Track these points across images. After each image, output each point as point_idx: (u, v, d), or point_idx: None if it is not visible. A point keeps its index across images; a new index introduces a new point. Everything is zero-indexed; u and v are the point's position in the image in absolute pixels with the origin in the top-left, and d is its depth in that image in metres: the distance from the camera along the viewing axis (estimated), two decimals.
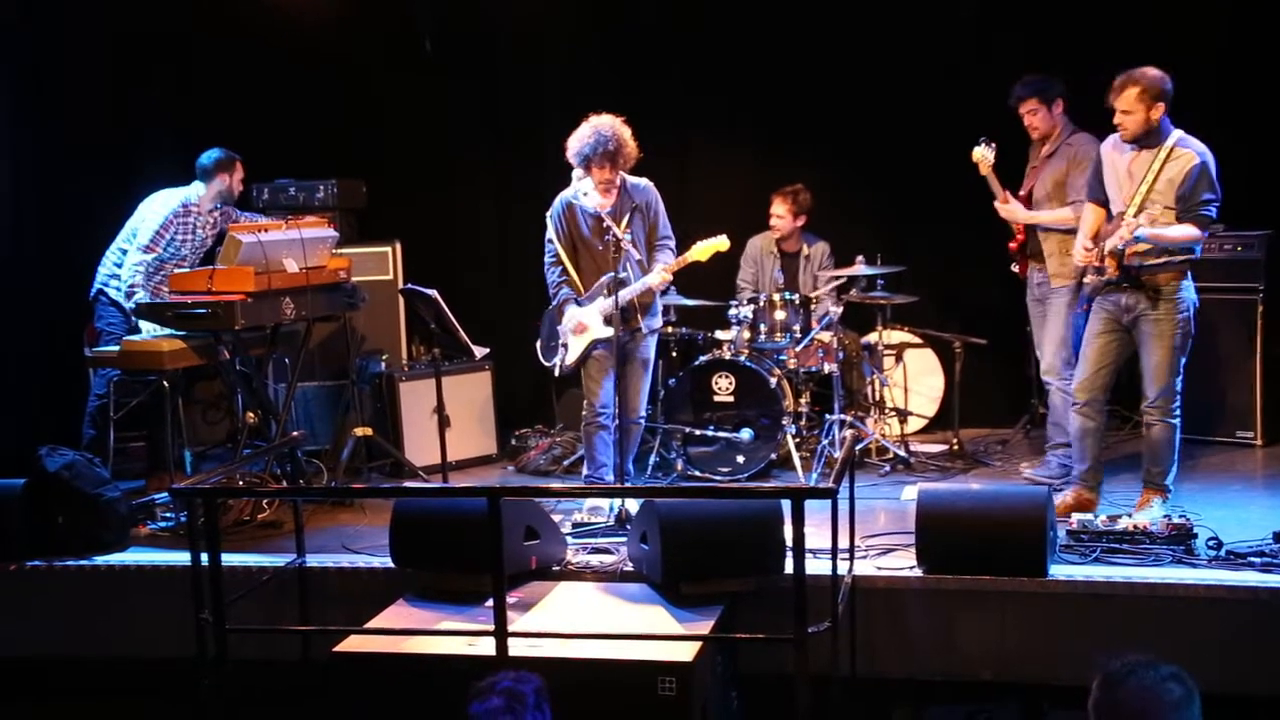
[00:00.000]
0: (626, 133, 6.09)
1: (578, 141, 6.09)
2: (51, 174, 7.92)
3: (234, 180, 7.03)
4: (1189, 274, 5.75)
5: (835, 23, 7.95)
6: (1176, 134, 5.68)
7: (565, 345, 6.38)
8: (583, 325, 6.26)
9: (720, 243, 6.27)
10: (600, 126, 6.05)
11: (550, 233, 6.35)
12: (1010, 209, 6.62)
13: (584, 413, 6.43)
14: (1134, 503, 5.90)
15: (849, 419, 7.15)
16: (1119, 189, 5.81)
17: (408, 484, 7.06)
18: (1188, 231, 5.60)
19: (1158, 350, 5.73)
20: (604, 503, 6.17)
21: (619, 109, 6.20)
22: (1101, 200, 5.92)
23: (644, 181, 6.35)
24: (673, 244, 6.38)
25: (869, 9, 7.88)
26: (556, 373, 6.54)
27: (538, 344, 6.57)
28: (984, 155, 6.46)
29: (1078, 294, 6.36)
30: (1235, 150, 7.26)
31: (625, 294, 6.12)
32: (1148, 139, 5.69)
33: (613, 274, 6.01)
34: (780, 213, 7.64)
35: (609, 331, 6.14)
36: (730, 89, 8.24)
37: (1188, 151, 5.61)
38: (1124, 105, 5.67)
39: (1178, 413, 5.82)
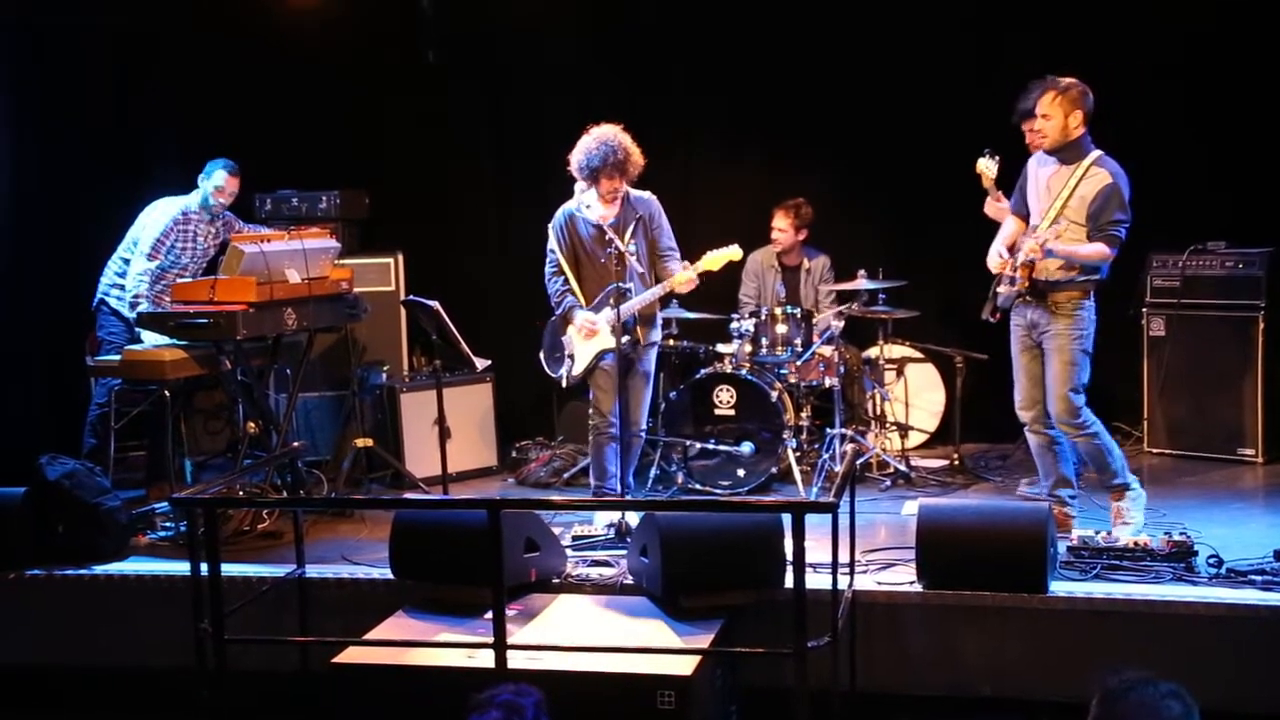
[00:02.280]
0: (630, 141, 6.11)
1: (583, 153, 6.09)
2: (53, 181, 7.93)
3: (210, 186, 6.98)
4: (1092, 294, 5.81)
5: (839, 35, 7.98)
6: (1096, 153, 5.74)
7: (571, 356, 6.39)
8: (593, 330, 6.26)
9: (733, 252, 6.33)
10: (605, 137, 6.06)
11: (552, 243, 6.36)
12: (1002, 210, 6.61)
13: (592, 423, 6.40)
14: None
15: (850, 433, 7.14)
16: (1037, 201, 5.88)
17: (408, 495, 7.05)
18: (1097, 249, 5.66)
19: (1054, 364, 5.81)
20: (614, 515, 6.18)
21: (621, 118, 6.24)
22: (1023, 213, 5.99)
23: (647, 194, 6.36)
24: (678, 255, 6.39)
25: (873, 22, 7.91)
26: (564, 384, 6.54)
27: (540, 354, 6.57)
28: (988, 167, 6.47)
29: (994, 307, 6.38)
30: (1236, 167, 7.31)
31: (635, 303, 6.17)
32: (1067, 153, 5.75)
33: (616, 284, 6.01)
34: (782, 226, 7.66)
35: (613, 342, 6.16)
36: (733, 100, 8.26)
37: (1102, 171, 5.68)
38: (1041, 109, 5.75)
39: (1090, 424, 5.84)
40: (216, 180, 6.98)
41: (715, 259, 6.29)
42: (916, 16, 7.87)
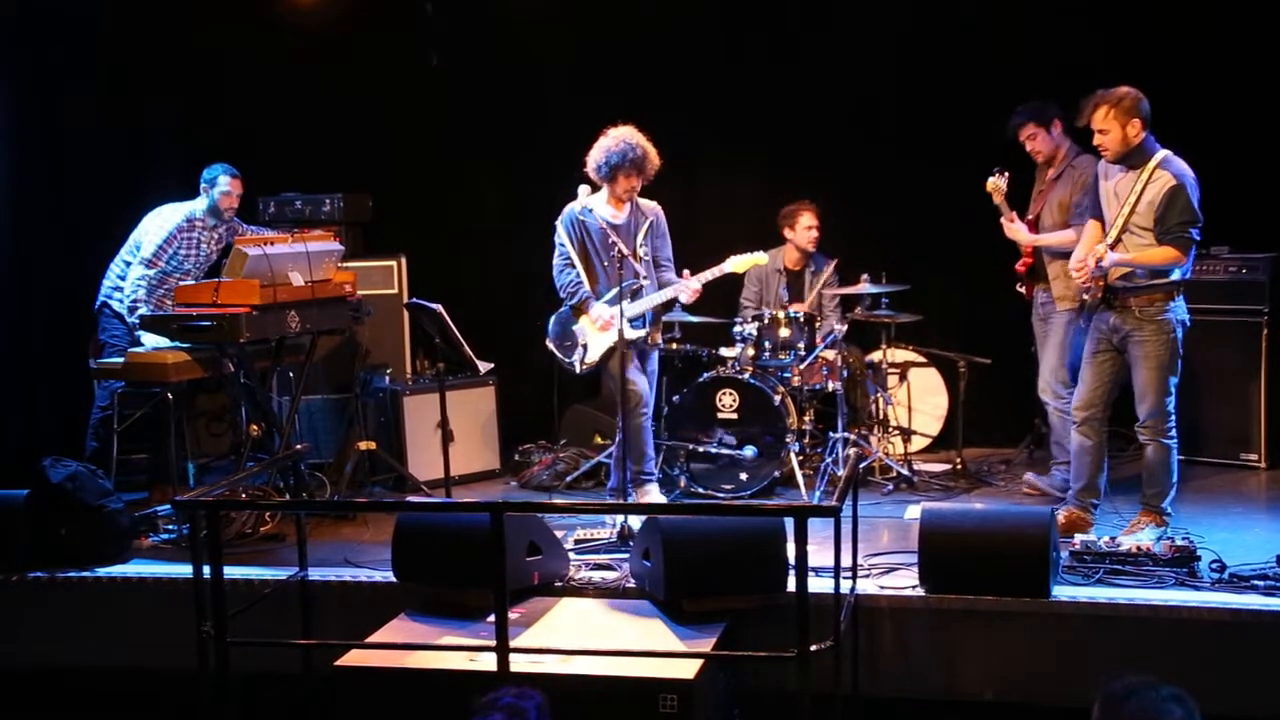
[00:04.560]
0: (647, 141, 6.24)
1: (602, 152, 6.21)
2: (56, 183, 7.94)
3: (216, 193, 6.99)
4: (1178, 295, 5.76)
5: (842, 39, 8.00)
6: (1161, 154, 5.68)
7: (585, 345, 6.44)
8: (608, 323, 6.29)
9: (758, 257, 6.46)
10: (625, 137, 6.19)
11: (562, 238, 6.42)
12: (1015, 230, 6.64)
13: (631, 406, 6.36)
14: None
15: (852, 437, 7.15)
16: (1107, 209, 5.85)
17: (410, 498, 7.06)
18: (1164, 254, 5.61)
19: (1144, 370, 5.75)
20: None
21: (623, 121, 6.27)
22: (1100, 217, 5.93)
23: (653, 203, 6.49)
24: (673, 267, 6.50)
25: (877, 25, 7.92)
26: (577, 370, 6.56)
27: (549, 342, 6.60)
28: (998, 185, 6.47)
29: (1081, 313, 6.38)
30: (1239, 174, 7.30)
31: (645, 302, 6.30)
32: (1131, 159, 5.69)
33: (634, 281, 6.15)
34: (814, 223, 7.67)
35: (632, 335, 6.27)
36: (736, 105, 8.24)
37: (1166, 174, 5.62)
38: (1098, 125, 5.69)
39: (1172, 434, 5.82)
40: (222, 186, 6.99)
41: (741, 263, 6.42)
42: (921, 19, 7.88)
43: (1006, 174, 6.49)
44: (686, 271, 6.42)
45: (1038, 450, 7.47)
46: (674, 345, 7.38)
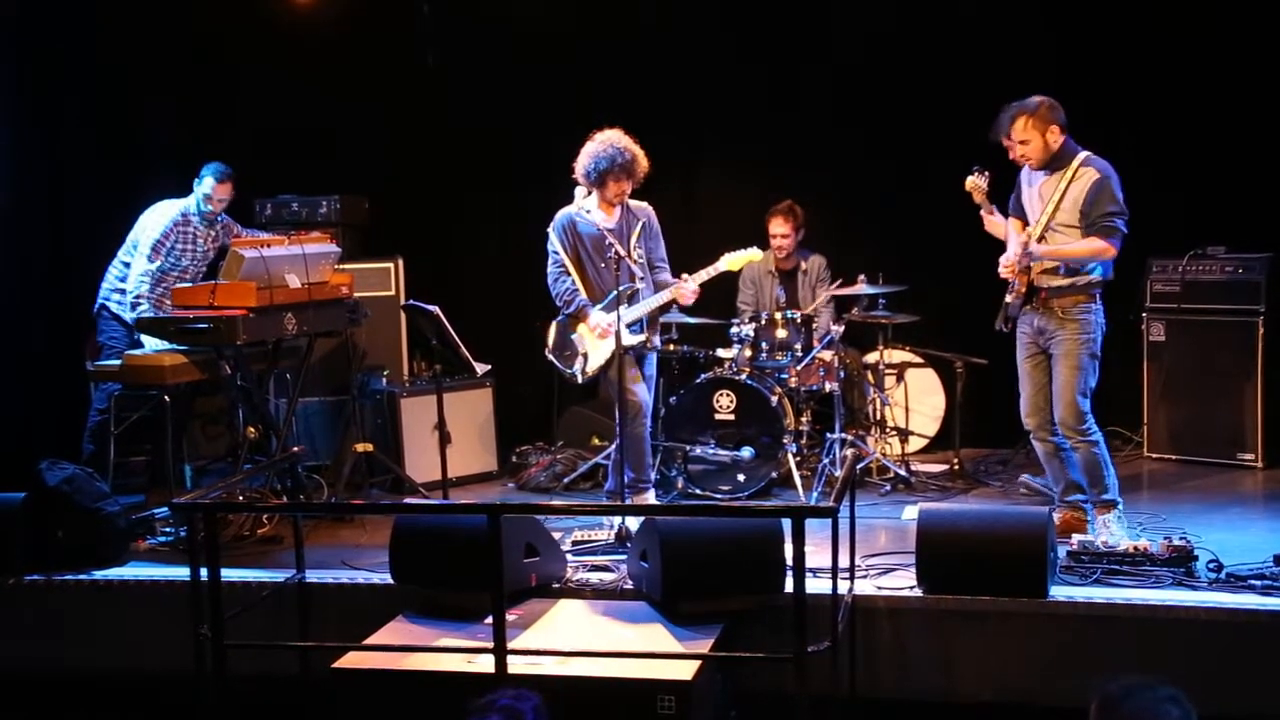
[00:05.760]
0: (635, 144, 6.21)
1: (590, 158, 6.18)
2: (55, 185, 7.94)
3: (200, 193, 6.99)
4: (1097, 297, 5.83)
5: (837, 39, 8.01)
6: (1083, 154, 5.79)
7: (585, 355, 6.42)
8: (607, 331, 6.26)
9: (752, 254, 6.46)
10: (612, 141, 6.16)
11: (555, 245, 6.39)
12: (994, 223, 6.63)
13: (630, 415, 6.31)
14: (1135, 522, 5.95)
15: (850, 438, 7.15)
16: (1031, 211, 5.94)
17: (408, 500, 7.06)
18: (1092, 245, 5.70)
19: (1062, 371, 5.83)
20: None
21: (621, 122, 6.28)
22: (1020, 215, 6.04)
23: (644, 204, 6.46)
24: (668, 267, 6.49)
25: (873, 25, 7.93)
26: (579, 380, 6.55)
27: (548, 353, 6.57)
28: (977, 184, 6.46)
29: (1004, 315, 6.37)
30: (1235, 172, 7.32)
31: (643, 306, 6.28)
32: (1055, 162, 5.80)
33: (629, 284, 6.13)
34: (784, 231, 7.67)
35: (632, 340, 6.26)
36: (732, 105, 8.26)
37: (1090, 169, 5.73)
38: (1018, 136, 5.81)
39: (1093, 432, 5.86)
40: (205, 188, 6.99)
41: (736, 260, 6.41)
42: (918, 18, 7.89)
43: (987, 173, 6.50)
44: (685, 275, 6.40)
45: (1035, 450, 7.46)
46: (671, 347, 7.38)
